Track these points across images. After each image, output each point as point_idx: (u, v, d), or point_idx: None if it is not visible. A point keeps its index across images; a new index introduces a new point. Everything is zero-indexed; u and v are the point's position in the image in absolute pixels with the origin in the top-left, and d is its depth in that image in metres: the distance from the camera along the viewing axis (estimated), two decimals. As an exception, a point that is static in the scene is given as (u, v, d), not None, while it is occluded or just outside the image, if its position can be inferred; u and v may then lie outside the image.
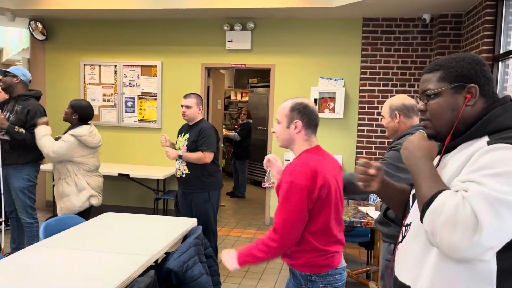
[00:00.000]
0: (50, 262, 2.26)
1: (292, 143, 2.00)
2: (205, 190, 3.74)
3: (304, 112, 1.96)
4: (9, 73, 3.84)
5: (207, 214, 3.73)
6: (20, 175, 3.81)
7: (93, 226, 2.99)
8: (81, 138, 3.49)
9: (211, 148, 3.65)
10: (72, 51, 6.01)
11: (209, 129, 3.72)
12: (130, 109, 5.91)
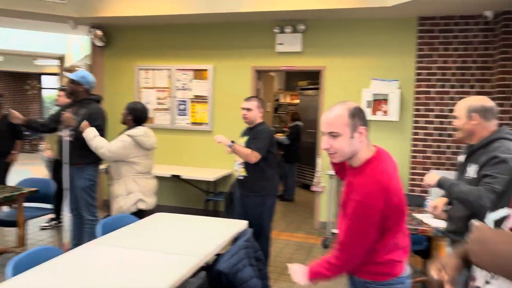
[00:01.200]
0: (105, 260, 2.34)
1: (355, 154, 1.77)
2: (260, 194, 3.72)
3: (364, 116, 1.76)
4: (73, 80, 4.02)
5: (261, 218, 3.71)
6: (82, 174, 3.99)
7: (146, 225, 3.07)
8: (137, 139, 3.61)
9: (259, 149, 3.61)
10: (128, 57, 6.25)
11: (265, 131, 3.69)
12: (182, 112, 6.05)
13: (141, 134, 3.64)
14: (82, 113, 3.94)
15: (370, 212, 1.69)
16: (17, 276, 2.05)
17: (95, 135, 3.67)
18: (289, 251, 4.80)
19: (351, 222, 1.72)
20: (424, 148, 5.14)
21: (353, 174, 1.80)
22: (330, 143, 1.74)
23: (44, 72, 14.65)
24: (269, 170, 3.73)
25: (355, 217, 1.71)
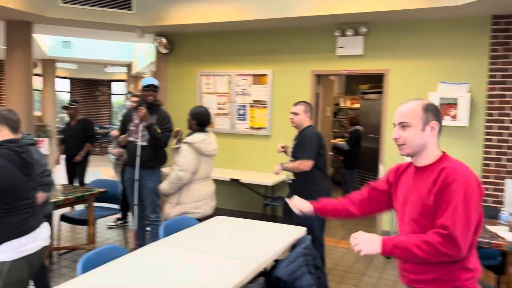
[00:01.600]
0: (166, 261, 2.40)
1: (424, 149, 1.71)
2: (310, 197, 3.67)
3: (438, 113, 1.73)
4: (155, 86, 4.20)
5: (311, 222, 3.66)
6: (152, 176, 4.17)
7: (205, 229, 3.12)
8: (195, 146, 3.69)
9: (307, 156, 3.58)
10: (191, 63, 6.44)
11: (310, 136, 3.66)
12: (241, 117, 6.12)
13: (198, 141, 3.67)
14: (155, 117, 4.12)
15: (475, 191, 1.58)
16: (85, 274, 2.16)
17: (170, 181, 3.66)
18: (349, 260, 4.67)
19: (455, 204, 1.56)
20: (498, 156, 4.78)
21: (421, 172, 1.71)
22: (400, 133, 1.72)
23: (113, 79, 15.52)
24: (318, 173, 3.68)
25: (462, 197, 1.55)
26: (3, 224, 2.18)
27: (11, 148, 2.24)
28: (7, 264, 2.18)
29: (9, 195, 2.18)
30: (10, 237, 2.19)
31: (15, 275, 2.21)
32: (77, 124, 5.87)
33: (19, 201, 2.23)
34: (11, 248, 2.20)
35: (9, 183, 2.17)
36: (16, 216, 2.22)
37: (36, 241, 2.33)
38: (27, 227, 2.27)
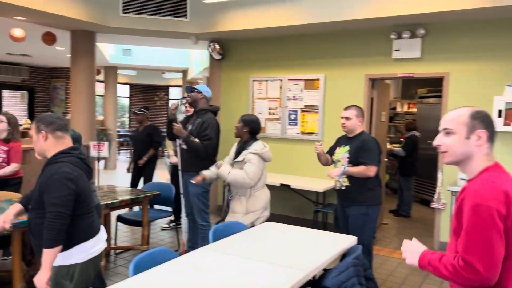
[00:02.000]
0: (214, 267, 2.42)
1: (469, 159, 1.62)
2: (363, 204, 3.61)
3: (489, 121, 1.62)
4: (195, 89, 4.32)
5: (363, 228, 3.58)
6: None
7: (255, 234, 3.11)
8: (263, 155, 3.74)
9: (374, 162, 3.53)
10: (243, 69, 6.50)
11: (371, 141, 3.61)
12: (293, 122, 6.08)
13: (266, 150, 3.76)
14: (198, 123, 4.19)
15: (489, 215, 1.46)
16: (136, 275, 2.23)
17: (229, 171, 3.73)
18: (404, 271, 4.47)
19: (468, 227, 1.50)
20: None
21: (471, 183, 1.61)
22: (442, 140, 1.67)
23: (170, 84, 16.06)
24: (374, 179, 3.59)
25: (473, 224, 1.49)
26: (75, 228, 2.27)
27: (76, 156, 2.33)
28: (78, 266, 2.27)
29: (84, 200, 2.29)
30: (81, 240, 2.29)
31: (84, 277, 2.31)
32: (144, 130, 6.08)
33: (88, 205, 2.34)
34: (82, 250, 2.29)
35: (85, 189, 2.29)
36: (85, 220, 2.32)
37: (100, 243, 2.43)
38: (93, 230, 2.37)
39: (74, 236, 2.27)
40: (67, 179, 2.20)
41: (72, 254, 2.27)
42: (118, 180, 9.35)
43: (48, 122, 2.33)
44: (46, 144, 2.32)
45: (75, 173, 2.25)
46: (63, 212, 2.17)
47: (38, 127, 2.32)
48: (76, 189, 2.22)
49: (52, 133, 2.32)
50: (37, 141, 2.34)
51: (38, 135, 2.32)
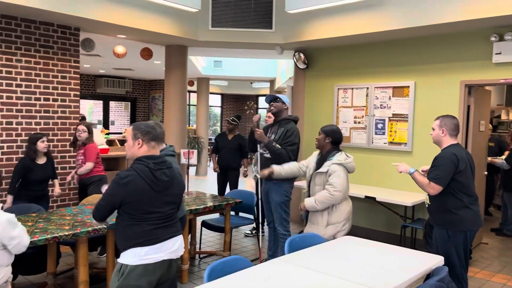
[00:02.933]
0: (286, 278, 2.39)
1: None
2: (444, 227, 3.26)
3: None
4: (280, 99, 4.36)
5: (448, 254, 3.22)
6: (279, 190, 4.25)
7: (333, 248, 3.03)
8: (347, 165, 3.67)
9: (437, 180, 3.16)
10: (328, 77, 6.41)
11: (443, 158, 3.20)
12: (380, 131, 5.83)
13: (350, 161, 3.70)
14: (280, 132, 4.22)
15: None
16: (210, 282, 2.29)
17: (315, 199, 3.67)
18: (504, 299, 4.02)
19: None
20: None
21: None
22: None
23: (259, 94, 16.43)
24: (454, 201, 3.20)
25: None
26: (131, 232, 2.37)
27: (146, 165, 2.39)
28: (128, 268, 2.36)
29: (135, 207, 2.35)
30: (135, 244, 2.37)
31: (132, 280, 2.35)
32: (234, 139, 6.28)
33: (146, 213, 2.38)
34: (135, 254, 2.36)
35: (137, 197, 2.33)
36: (143, 226, 2.36)
37: (160, 252, 2.40)
38: (153, 238, 2.39)
39: (129, 239, 2.38)
40: (117, 183, 2.35)
41: (127, 255, 2.39)
42: (208, 187, 9.75)
43: (145, 132, 2.46)
44: (139, 151, 2.46)
45: (128, 178, 2.33)
46: (99, 204, 2.41)
47: (135, 135, 2.46)
48: (121, 194, 2.33)
49: (148, 143, 2.46)
50: (132, 146, 2.47)
51: (134, 141, 2.46)
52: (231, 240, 4.77)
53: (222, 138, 6.40)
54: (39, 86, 5.19)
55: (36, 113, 5.19)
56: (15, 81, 4.99)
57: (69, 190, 5.40)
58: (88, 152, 4.86)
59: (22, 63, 5.03)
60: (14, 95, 4.99)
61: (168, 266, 2.48)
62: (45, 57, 5.20)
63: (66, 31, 5.37)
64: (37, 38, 5.13)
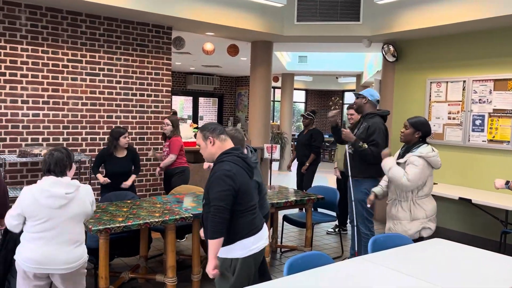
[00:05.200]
0: (368, 278, 2.30)
1: None
2: None
3: None
4: (359, 95, 4.24)
5: None
6: (360, 187, 4.12)
7: (420, 250, 2.86)
8: (430, 159, 3.44)
9: None
10: (419, 70, 6.04)
11: None
12: (478, 128, 5.36)
13: (434, 154, 3.46)
14: (363, 127, 4.07)
15: None
16: (289, 276, 2.28)
17: (391, 167, 3.55)
18: None
19: None
20: None
21: None
22: None
23: (345, 89, 16.05)
24: None
25: None
26: (237, 225, 2.45)
27: (236, 155, 2.51)
28: (239, 261, 2.46)
29: (244, 196, 2.44)
30: (242, 236, 2.46)
31: (245, 271, 2.47)
32: (307, 134, 6.27)
33: (249, 202, 2.49)
34: (243, 246, 2.46)
35: (244, 186, 2.44)
36: (247, 217, 2.47)
37: (261, 240, 2.55)
38: (254, 227, 2.51)
39: (236, 232, 2.44)
40: (226, 176, 2.39)
41: (234, 249, 2.45)
42: (290, 182, 9.78)
43: (212, 129, 2.56)
44: (214, 148, 2.54)
45: (233, 170, 2.41)
46: (222, 206, 2.36)
47: (205, 135, 2.56)
48: (234, 185, 2.39)
49: (218, 137, 2.55)
50: (205, 147, 2.57)
51: (206, 141, 2.55)
52: (313, 236, 4.72)
53: (300, 134, 6.45)
54: (135, 82, 5.59)
55: (132, 108, 5.59)
56: (115, 78, 5.42)
57: (160, 180, 5.75)
58: (172, 144, 5.13)
59: (121, 61, 5.45)
60: (114, 91, 5.43)
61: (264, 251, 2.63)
62: (141, 55, 5.58)
63: (159, 30, 5.71)
64: (134, 37, 5.52)
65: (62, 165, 2.55)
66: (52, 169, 2.53)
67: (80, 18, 5.11)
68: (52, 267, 2.48)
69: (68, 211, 2.51)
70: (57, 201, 2.48)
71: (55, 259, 2.48)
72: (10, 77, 4.74)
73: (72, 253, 2.53)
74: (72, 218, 2.52)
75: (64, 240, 2.51)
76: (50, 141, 5.04)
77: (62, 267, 2.50)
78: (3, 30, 4.65)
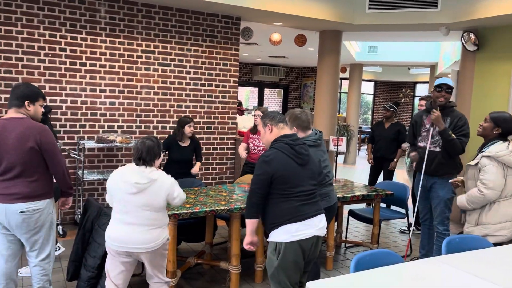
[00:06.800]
0: (441, 281, 2.15)
1: None
2: None
3: None
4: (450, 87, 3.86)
5: None
6: (447, 185, 3.85)
7: (500, 255, 2.63)
8: (500, 158, 3.13)
9: None
10: (503, 60, 5.56)
11: None
12: None
13: (506, 153, 3.11)
14: (448, 122, 3.80)
15: None
16: (356, 273, 2.20)
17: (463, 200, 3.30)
18: None
19: None
20: None
21: None
22: None
23: (417, 80, 15.28)
24: None
25: None
26: (279, 209, 2.51)
27: (284, 142, 2.57)
28: (283, 245, 2.50)
29: (284, 182, 2.49)
30: (285, 221, 2.50)
31: (290, 256, 2.50)
32: (390, 127, 5.91)
33: (293, 187, 2.51)
34: (286, 231, 2.49)
35: (284, 172, 2.49)
36: (291, 203, 2.50)
37: (309, 228, 2.53)
38: (301, 214, 2.51)
39: (279, 217, 2.51)
40: (262, 162, 2.51)
41: (278, 233, 2.52)
42: (356, 176, 9.53)
43: (271, 117, 2.67)
44: (271, 135, 2.65)
45: (271, 155, 2.51)
46: (254, 190, 2.52)
47: (264, 122, 2.68)
48: (268, 170, 2.48)
49: (276, 125, 2.65)
50: (264, 134, 2.70)
51: (265, 128, 2.68)
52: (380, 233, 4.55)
53: (379, 127, 6.09)
54: (204, 73, 5.70)
55: (201, 98, 5.72)
56: (185, 68, 5.57)
57: (225, 169, 5.85)
58: None
59: (191, 52, 5.58)
60: (184, 81, 5.58)
61: (315, 244, 2.60)
62: (210, 46, 5.68)
63: (228, 21, 5.76)
64: (204, 28, 5.62)
65: (152, 153, 2.66)
66: (144, 156, 2.63)
67: (153, 10, 5.29)
68: (131, 245, 2.61)
69: (138, 199, 2.60)
70: (129, 188, 2.59)
71: (132, 239, 2.61)
72: (90, 67, 5.03)
73: (147, 234, 2.63)
74: (143, 206, 2.62)
75: (139, 223, 2.62)
76: (124, 128, 5.30)
77: (139, 246, 2.62)
78: (84, 22, 4.94)
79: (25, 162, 2.65)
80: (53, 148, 2.74)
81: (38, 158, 2.69)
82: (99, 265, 3.05)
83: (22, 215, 2.67)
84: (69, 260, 3.30)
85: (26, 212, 2.67)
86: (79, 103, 5.01)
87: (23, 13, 4.64)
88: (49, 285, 2.92)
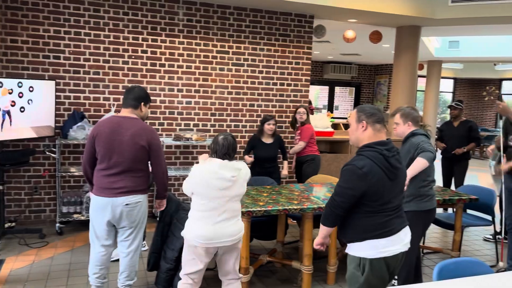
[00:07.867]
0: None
1: None
2: None
3: None
4: None
5: None
6: None
7: None
8: None
9: None
10: None
11: None
12: None
13: None
14: None
15: None
16: (439, 281, 2.08)
17: None
18: None
19: None
20: None
21: None
22: None
23: (504, 77, 14.13)
24: None
25: None
26: (365, 224, 2.23)
27: (379, 151, 2.22)
28: (368, 261, 2.24)
29: (375, 199, 2.19)
30: (372, 237, 2.21)
31: (377, 273, 2.25)
32: (460, 125, 5.67)
33: (383, 204, 2.21)
34: (372, 247, 2.22)
35: (377, 189, 2.18)
36: (379, 218, 2.22)
37: (396, 244, 2.26)
38: (388, 230, 2.24)
39: (365, 231, 2.23)
40: (354, 173, 2.18)
41: (363, 248, 2.25)
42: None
43: (369, 114, 2.30)
44: (363, 134, 2.30)
45: (366, 168, 2.17)
46: (337, 201, 2.22)
47: (359, 117, 2.32)
48: (360, 185, 2.17)
49: (372, 125, 2.28)
50: (355, 130, 2.34)
51: (358, 124, 2.31)
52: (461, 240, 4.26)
53: (448, 126, 5.83)
54: (276, 72, 5.71)
55: (272, 97, 5.74)
56: (258, 67, 5.62)
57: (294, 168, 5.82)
58: (304, 132, 5.14)
59: (264, 51, 5.62)
60: (256, 81, 5.64)
61: (400, 260, 2.32)
62: (282, 45, 5.68)
63: (301, 19, 5.72)
64: (277, 27, 5.63)
65: (234, 149, 2.78)
66: (229, 152, 2.74)
67: (228, 11, 5.40)
68: (221, 240, 2.69)
69: (231, 192, 2.70)
70: (224, 183, 2.67)
71: (222, 233, 2.68)
72: (168, 68, 5.26)
73: (235, 225, 2.74)
74: (233, 197, 2.73)
75: (228, 217, 2.71)
76: (200, 126, 5.48)
77: (227, 239, 2.70)
78: (164, 25, 5.18)
79: (134, 159, 2.88)
80: (159, 150, 2.99)
81: (145, 157, 2.94)
82: (176, 257, 3.18)
83: (127, 208, 2.90)
84: (149, 251, 3.47)
85: (130, 205, 2.91)
86: (158, 102, 5.26)
87: (110, 18, 4.97)
88: (134, 275, 3.11)
